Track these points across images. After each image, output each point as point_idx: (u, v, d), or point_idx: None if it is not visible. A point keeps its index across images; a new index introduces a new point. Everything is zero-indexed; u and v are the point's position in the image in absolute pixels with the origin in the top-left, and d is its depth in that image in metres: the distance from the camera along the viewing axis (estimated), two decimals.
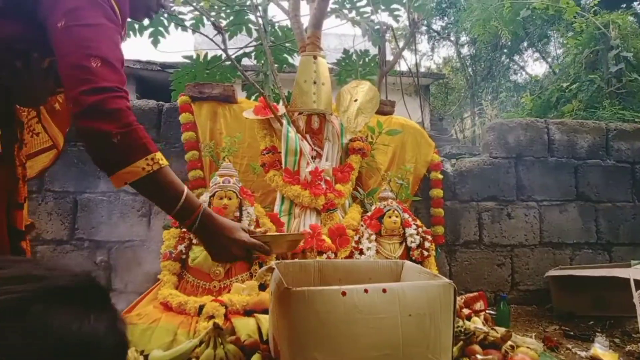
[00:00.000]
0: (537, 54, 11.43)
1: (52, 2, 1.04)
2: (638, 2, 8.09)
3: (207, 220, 1.15)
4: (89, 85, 1.00)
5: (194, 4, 3.54)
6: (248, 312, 2.18)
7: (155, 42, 3.73)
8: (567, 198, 3.63)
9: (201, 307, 2.14)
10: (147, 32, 3.70)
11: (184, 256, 2.45)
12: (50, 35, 1.05)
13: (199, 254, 2.39)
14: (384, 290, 1.44)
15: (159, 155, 1.06)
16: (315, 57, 3.00)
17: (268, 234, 1.27)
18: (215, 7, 3.86)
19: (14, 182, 1.20)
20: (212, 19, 3.38)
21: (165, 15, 3.60)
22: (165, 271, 2.42)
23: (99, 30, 1.06)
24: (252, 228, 2.49)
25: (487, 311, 2.53)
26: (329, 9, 3.36)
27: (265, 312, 2.11)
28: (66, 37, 1.03)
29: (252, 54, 4.17)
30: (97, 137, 1.00)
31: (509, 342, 2.04)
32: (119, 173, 1.02)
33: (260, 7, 3.78)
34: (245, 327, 2.03)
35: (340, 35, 10.73)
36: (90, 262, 3.13)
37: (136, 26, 3.65)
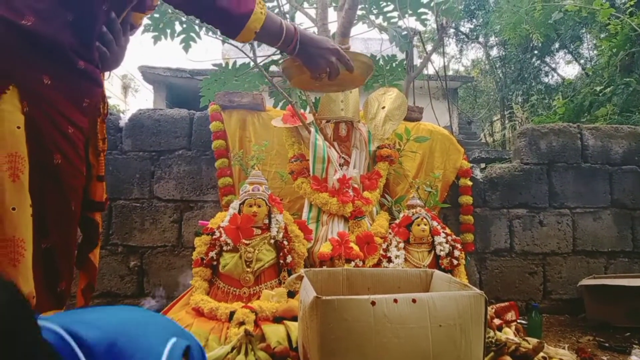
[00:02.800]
0: (569, 56, 11.18)
1: None
2: None
3: (304, 38, 1.25)
4: None
5: None
6: (277, 319, 2.20)
7: (186, 47, 3.82)
8: (602, 205, 3.53)
9: (232, 313, 2.17)
10: (178, 38, 3.80)
11: (214, 262, 2.49)
12: None
13: (229, 260, 2.43)
14: (414, 301, 1.45)
15: None
16: None
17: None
18: None
19: (96, 156, 1.24)
20: None
21: (197, 21, 3.69)
22: (197, 277, 2.47)
23: None
24: (280, 236, 2.53)
25: (518, 321, 2.49)
26: (356, 17, 3.37)
27: (294, 319, 2.14)
28: None
29: (280, 61, 4.22)
30: None
31: (541, 354, 2.01)
32: (248, 24, 1.11)
33: (287, 15, 3.83)
34: (275, 334, 2.05)
35: (366, 39, 10.72)
36: (124, 267, 3.22)
37: (168, 31, 3.75)
